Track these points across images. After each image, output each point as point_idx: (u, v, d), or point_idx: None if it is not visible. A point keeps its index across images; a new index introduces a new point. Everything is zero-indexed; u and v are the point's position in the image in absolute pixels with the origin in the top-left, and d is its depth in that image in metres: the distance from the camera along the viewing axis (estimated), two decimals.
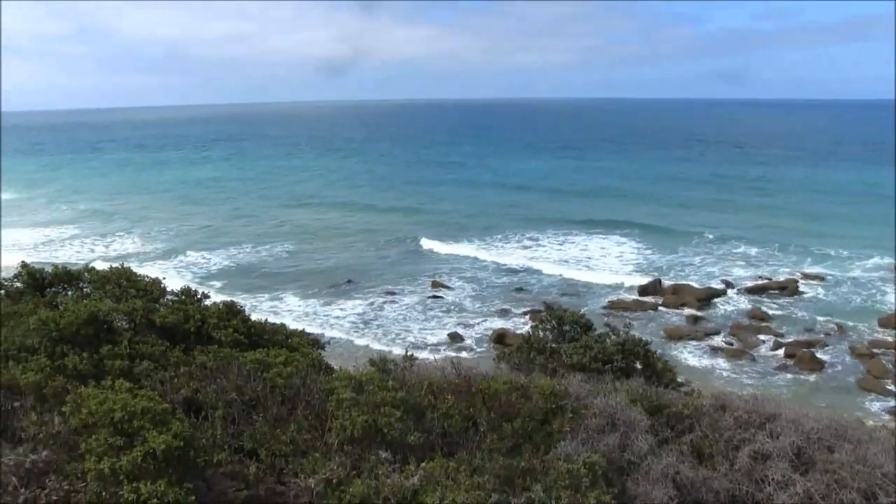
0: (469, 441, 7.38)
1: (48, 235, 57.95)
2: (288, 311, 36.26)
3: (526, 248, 51.31)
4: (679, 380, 13.20)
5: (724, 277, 41.94)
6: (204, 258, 48.92)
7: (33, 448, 6.13)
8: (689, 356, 30.66)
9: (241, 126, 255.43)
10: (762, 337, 32.65)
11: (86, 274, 9.16)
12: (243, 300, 25.53)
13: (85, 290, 9.09)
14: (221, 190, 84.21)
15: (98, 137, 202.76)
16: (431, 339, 32.64)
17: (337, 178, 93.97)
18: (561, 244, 52.06)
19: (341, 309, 36.95)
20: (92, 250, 52.57)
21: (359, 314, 36.14)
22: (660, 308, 36.91)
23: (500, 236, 54.54)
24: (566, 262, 46.88)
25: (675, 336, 32.83)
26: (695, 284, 40.07)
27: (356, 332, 33.65)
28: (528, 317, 34.11)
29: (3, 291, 9.13)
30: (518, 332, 30.35)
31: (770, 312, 35.89)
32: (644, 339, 13.68)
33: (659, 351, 14.34)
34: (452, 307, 37.45)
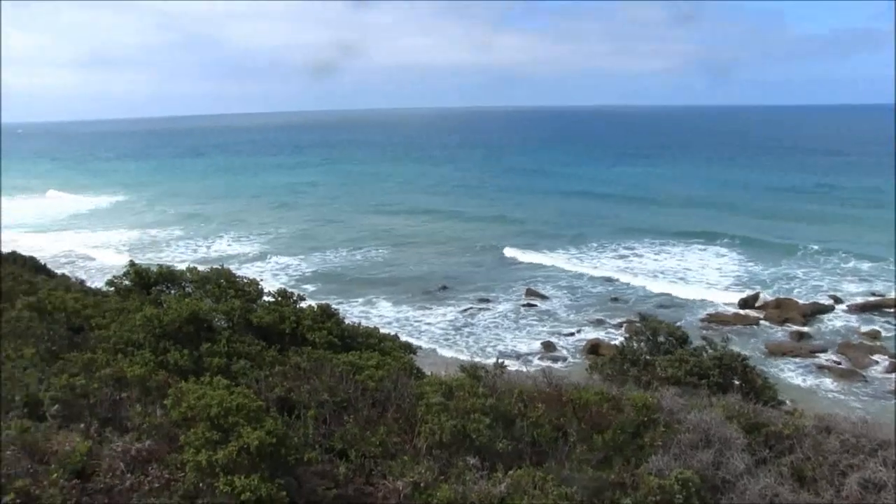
0: (558, 451, 7.28)
1: (154, 236, 61.00)
2: (378, 316, 36.69)
3: (621, 257, 50.41)
4: (780, 398, 12.69)
5: (832, 293, 39.88)
6: (298, 261, 50.23)
7: (138, 437, 6.43)
8: (792, 374, 29.27)
9: (337, 132, 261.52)
10: (875, 357, 30.61)
11: (188, 274, 9.56)
12: (336, 304, 26.00)
13: (187, 289, 9.48)
14: (315, 194, 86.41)
15: (201, 142, 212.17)
16: (523, 349, 32.41)
17: (428, 184, 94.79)
18: (657, 254, 50.86)
19: (433, 315, 37.17)
20: (195, 250, 54.95)
21: (450, 321, 36.26)
22: (761, 323, 35.42)
23: (595, 245, 53.82)
24: (662, 273, 45.76)
25: (778, 352, 31.41)
26: (800, 300, 38.32)
27: (447, 339, 33.76)
28: (622, 328, 33.43)
29: (113, 288, 9.66)
30: (612, 342, 29.82)
31: (884, 332, 33.84)
32: (743, 354, 13.23)
33: (759, 367, 13.82)
34: (546, 316, 37.11)
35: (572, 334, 34.27)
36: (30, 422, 6.51)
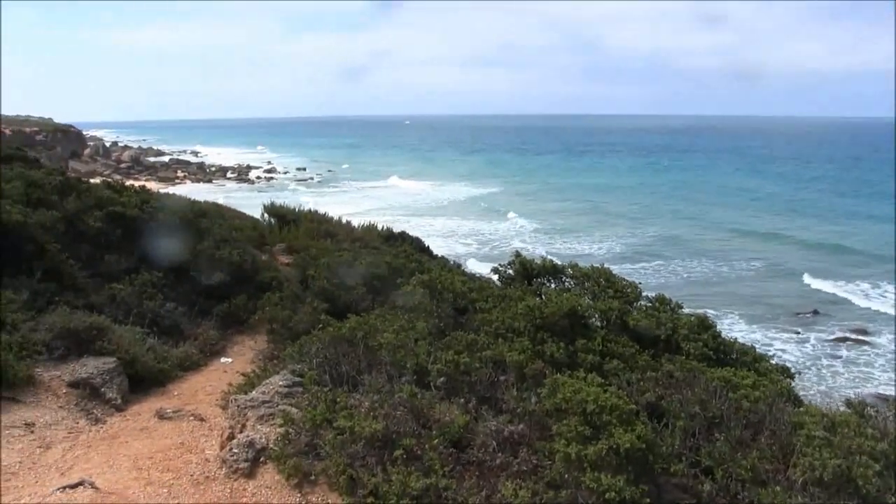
0: None
1: (521, 227, 64.33)
2: (723, 334, 34.24)
3: None
4: None
5: None
6: (656, 266, 49.35)
7: (511, 419, 6.84)
8: None
9: (697, 138, 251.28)
10: None
11: (569, 269, 9.93)
12: None
13: (566, 284, 9.88)
14: (646, 201, 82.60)
15: (568, 141, 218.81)
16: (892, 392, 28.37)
17: (754, 197, 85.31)
18: None
19: (791, 341, 33.92)
20: (559, 243, 56.71)
21: (808, 349, 32.92)
22: None
23: None
24: None
25: None
26: None
27: (797, 369, 30.58)
28: None
29: (497, 276, 10.46)
30: None
31: None
32: None
33: None
34: None
35: None
36: (417, 389, 7.24)
